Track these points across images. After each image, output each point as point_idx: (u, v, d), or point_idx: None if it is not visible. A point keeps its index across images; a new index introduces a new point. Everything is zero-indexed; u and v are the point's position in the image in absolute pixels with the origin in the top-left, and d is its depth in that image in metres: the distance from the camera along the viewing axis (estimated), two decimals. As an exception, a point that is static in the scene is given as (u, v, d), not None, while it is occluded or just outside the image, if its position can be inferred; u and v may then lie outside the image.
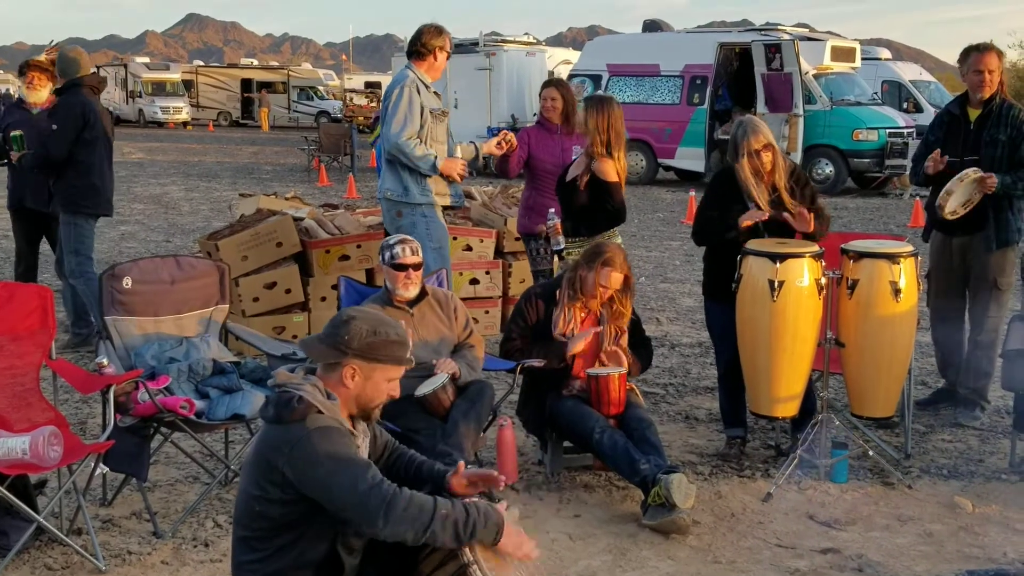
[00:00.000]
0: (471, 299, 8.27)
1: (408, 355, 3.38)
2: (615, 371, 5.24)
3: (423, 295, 5.29)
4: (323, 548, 3.19)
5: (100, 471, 4.75)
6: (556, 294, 5.45)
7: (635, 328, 5.60)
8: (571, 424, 5.22)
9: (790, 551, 4.65)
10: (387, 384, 3.34)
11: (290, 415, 3.14)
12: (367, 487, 3.03)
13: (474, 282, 8.59)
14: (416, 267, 5.18)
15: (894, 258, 5.31)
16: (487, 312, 8.60)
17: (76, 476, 4.52)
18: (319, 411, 3.15)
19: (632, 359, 5.46)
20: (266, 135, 44.10)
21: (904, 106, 24.99)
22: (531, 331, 5.44)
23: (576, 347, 5.32)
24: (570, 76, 23.02)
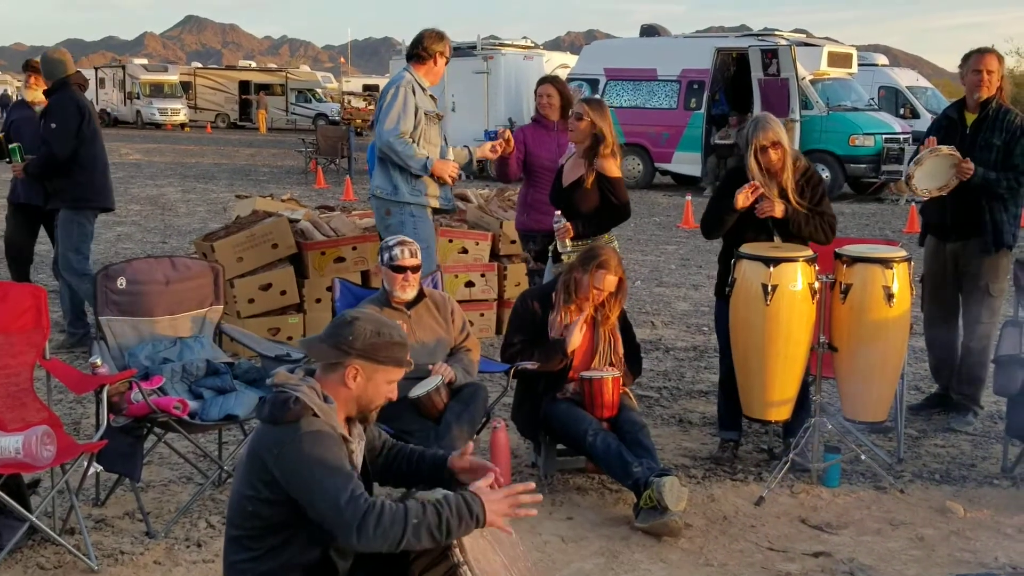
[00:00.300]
0: (466, 302, 8.28)
1: (408, 357, 3.40)
2: (608, 374, 5.25)
3: (420, 297, 5.30)
4: (315, 552, 3.18)
5: (93, 471, 4.76)
6: (552, 296, 5.45)
7: (627, 335, 5.60)
8: (564, 426, 5.23)
9: (782, 554, 4.66)
10: (387, 386, 3.36)
11: (284, 416, 3.14)
12: (346, 499, 3.02)
13: (469, 285, 8.61)
14: (414, 269, 5.19)
15: (887, 263, 5.33)
16: (482, 315, 8.61)
17: (69, 476, 4.52)
18: (314, 414, 3.16)
19: (625, 370, 5.48)
20: (264, 137, 44.11)
21: (901, 112, 25.03)
22: (531, 336, 5.44)
23: (574, 339, 5.31)
24: (568, 80, 23.03)
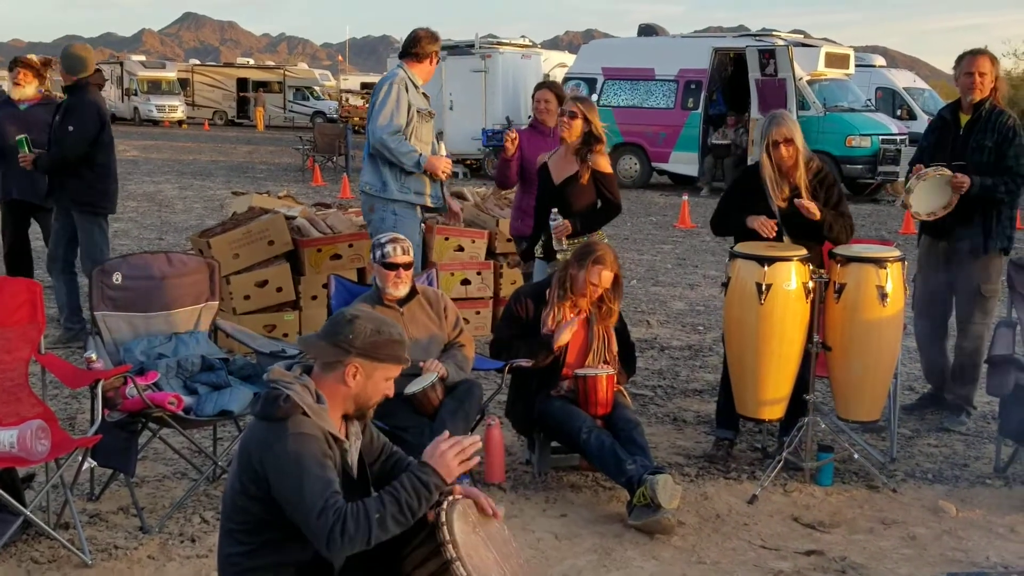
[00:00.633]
0: (462, 300, 8.29)
1: (406, 355, 3.42)
2: (603, 372, 5.27)
3: (413, 294, 5.31)
4: (309, 549, 3.18)
5: (88, 466, 4.76)
6: (546, 294, 5.46)
7: (622, 334, 5.62)
8: (559, 424, 5.24)
9: (774, 553, 4.68)
10: (385, 383, 3.37)
11: (274, 413, 3.15)
12: (318, 512, 3.02)
13: (465, 283, 8.62)
14: (407, 266, 5.20)
15: (881, 263, 5.34)
16: (478, 313, 8.62)
17: (64, 470, 4.54)
18: (304, 413, 3.16)
19: (619, 368, 5.49)
20: (261, 134, 44.09)
21: (898, 113, 25.05)
22: (520, 331, 5.46)
23: (562, 338, 5.33)
24: (565, 79, 23.08)
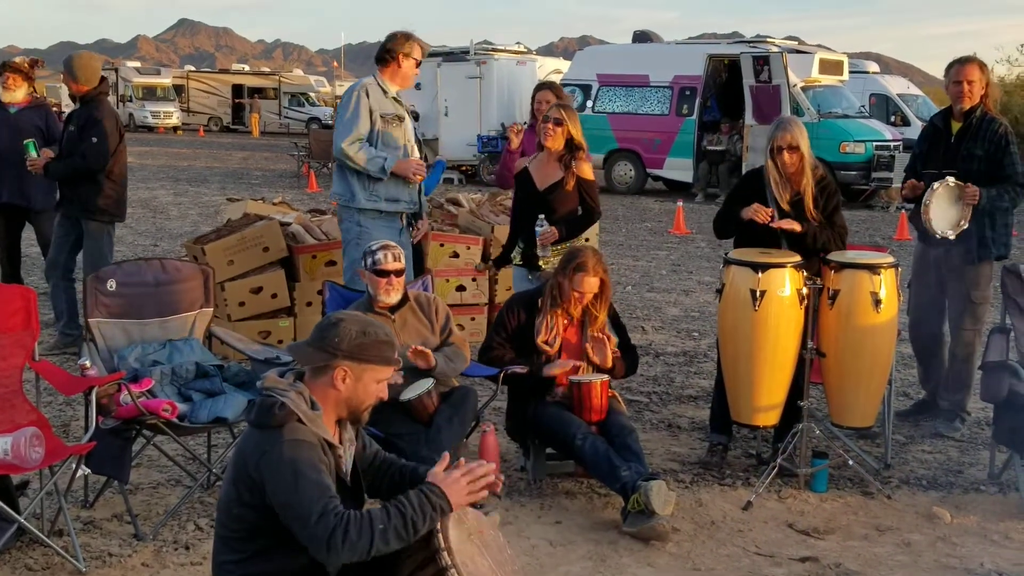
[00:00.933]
0: (457, 306, 8.29)
1: (396, 355, 3.40)
2: (597, 378, 5.27)
3: (405, 300, 5.31)
4: (303, 557, 3.18)
5: (82, 473, 4.75)
6: (539, 302, 5.47)
7: (621, 336, 5.61)
8: (553, 430, 5.24)
9: (769, 559, 4.68)
10: (376, 385, 3.36)
11: (270, 420, 3.15)
12: (317, 516, 3.02)
13: (460, 289, 8.62)
14: (398, 273, 5.20)
15: (875, 269, 5.35)
16: (473, 319, 8.63)
17: (58, 477, 4.52)
18: (299, 420, 3.16)
19: (618, 356, 5.47)
20: (256, 141, 44.08)
21: (891, 119, 25.09)
22: (512, 339, 5.46)
23: (552, 371, 5.36)
24: (561, 85, 23.08)
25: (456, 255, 8.70)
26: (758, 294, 5.22)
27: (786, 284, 5.27)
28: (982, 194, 6.01)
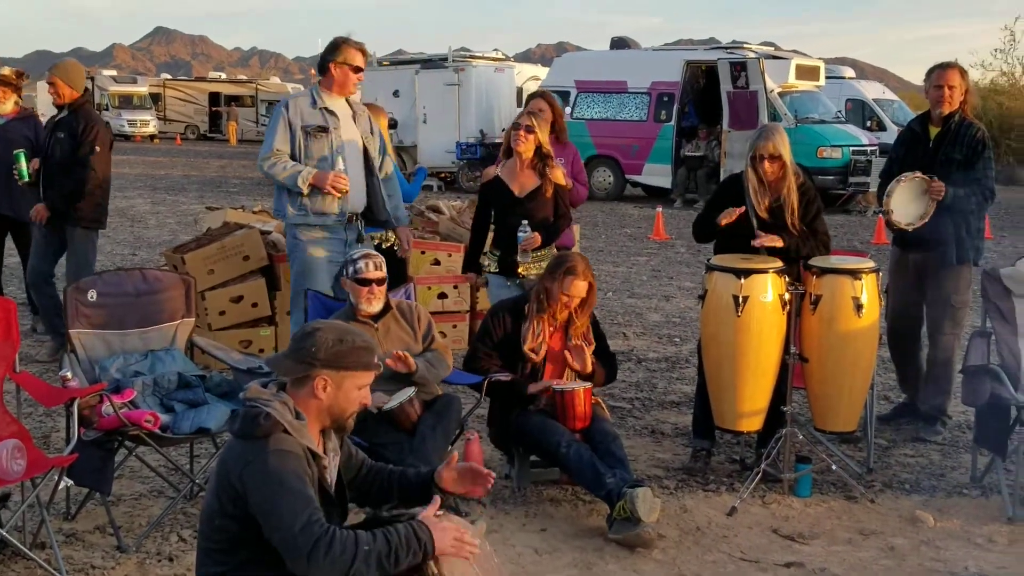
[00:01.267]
0: (439, 313, 8.27)
1: (376, 360, 3.39)
2: (580, 385, 5.27)
3: (387, 309, 5.29)
4: (284, 570, 3.16)
5: (64, 485, 4.72)
6: (524, 309, 5.47)
7: (599, 343, 5.62)
8: (537, 438, 5.24)
9: (754, 565, 4.68)
10: (358, 392, 3.34)
11: (255, 431, 3.13)
12: (301, 525, 3.01)
13: (442, 296, 8.61)
14: (379, 282, 5.18)
15: (856, 274, 5.38)
16: (455, 326, 8.61)
17: (40, 490, 4.48)
18: (285, 431, 3.15)
19: (596, 364, 5.48)
20: (234, 149, 43.96)
21: (867, 124, 25.22)
22: (498, 346, 5.46)
23: (535, 389, 5.36)
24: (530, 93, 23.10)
25: (437, 262, 8.69)
26: (741, 300, 5.24)
27: (768, 290, 5.29)
28: (948, 191, 6.05)
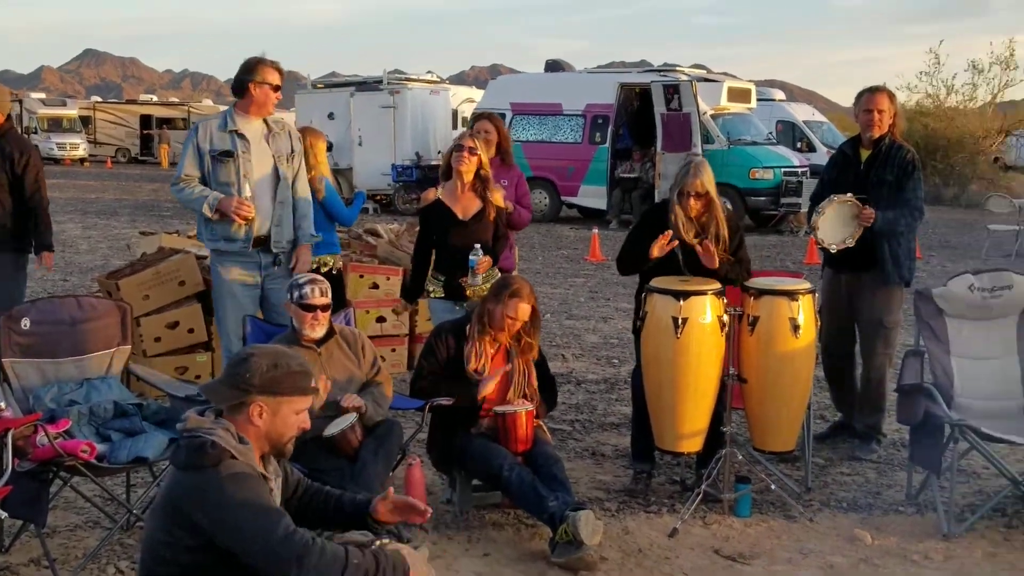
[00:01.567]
0: (377, 337, 8.24)
1: (313, 384, 3.37)
2: (522, 408, 5.27)
3: (330, 334, 5.26)
4: None
5: (-3, 517, 4.62)
6: (467, 330, 5.46)
7: (541, 368, 5.64)
8: (479, 462, 5.23)
9: (696, 585, 4.71)
10: (296, 417, 3.32)
11: (203, 460, 3.09)
12: (280, 537, 3.00)
13: (380, 320, 8.58)
14: (324, 308, 5.15)
15: (793, 295, 5.45)
16: (393, 350, 8.58)
17: (-28, 523, 4.39)
18: (232, 456, 3.12)
19: (539, 401, 5.50)
20: (166, 172, 43.34)
21: (798, 146, 25.64)
22: (442, 368, 5.45)
23: (487, 389, 5.34)
24: (474, 115, 23.17)
25: (376, 286, 8.66)
26: (680, 321, 5.28)
27: (707, 311, 5.34)
28: (878, 217, 6.16)
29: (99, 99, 62.82)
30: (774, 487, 5.65)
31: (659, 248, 5.64)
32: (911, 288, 6.43)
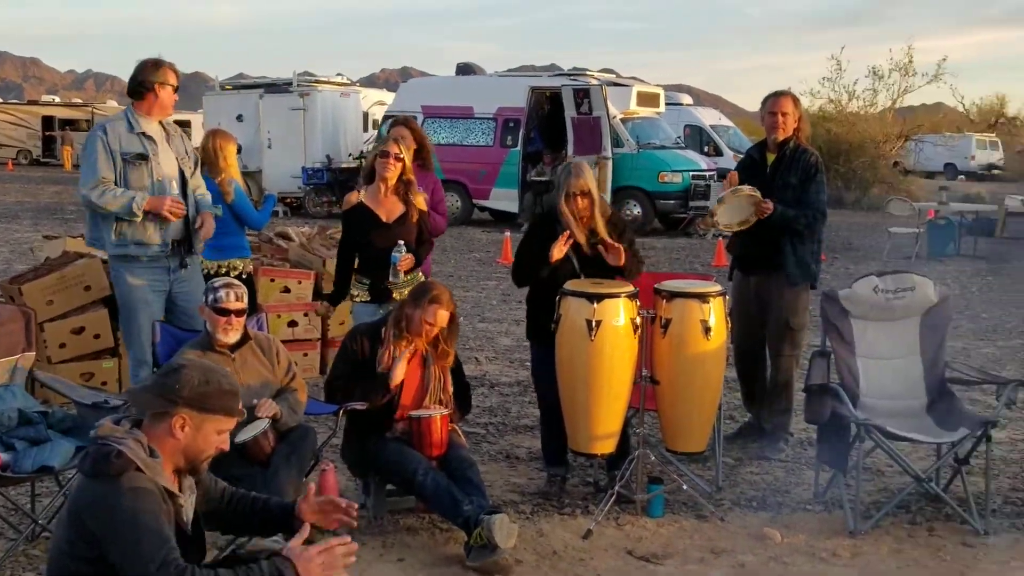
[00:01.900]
0: (289, 341, 8.15)
1: (240, 407, 3.33)
2: (437, 413, 5.27)
3: (245, 339, 5.20)
4: None
5: None
6: (382, 332, 5.44)
7: (457, 373, 5.64)
8: (394, 466, 5.21)
9: (611, 586, 4.75)
10: (217, 436, 3.28)
11: (107, 469, 3.04)
12: (157, 565, 2.95)
13: (292, 324, 8.50)
14: (239, 313, 5.09)
15: (704, 297, 5.52)
16: (306, 355, 8.51)
17: None
18: (138, 468, 3.06)
19: (454, 408, 5.50)
20: (69, 174, 42.42)
21: (705, 149, 26.03)
22: (357, 369, 5.41)
23: (396, 374, 5.30)
24: (385, 117, 23.08)
25: (287, 290, 8.58)
26: (594, 324, 5.32)
27: (620, 314, 5.39)
28: (776, 209, 6.28)
29: (-1, 99, 61.33)
30: (686, 487, 5.71)
31: (558, 249, 5.66)
32: (818, 290, 6.55)
